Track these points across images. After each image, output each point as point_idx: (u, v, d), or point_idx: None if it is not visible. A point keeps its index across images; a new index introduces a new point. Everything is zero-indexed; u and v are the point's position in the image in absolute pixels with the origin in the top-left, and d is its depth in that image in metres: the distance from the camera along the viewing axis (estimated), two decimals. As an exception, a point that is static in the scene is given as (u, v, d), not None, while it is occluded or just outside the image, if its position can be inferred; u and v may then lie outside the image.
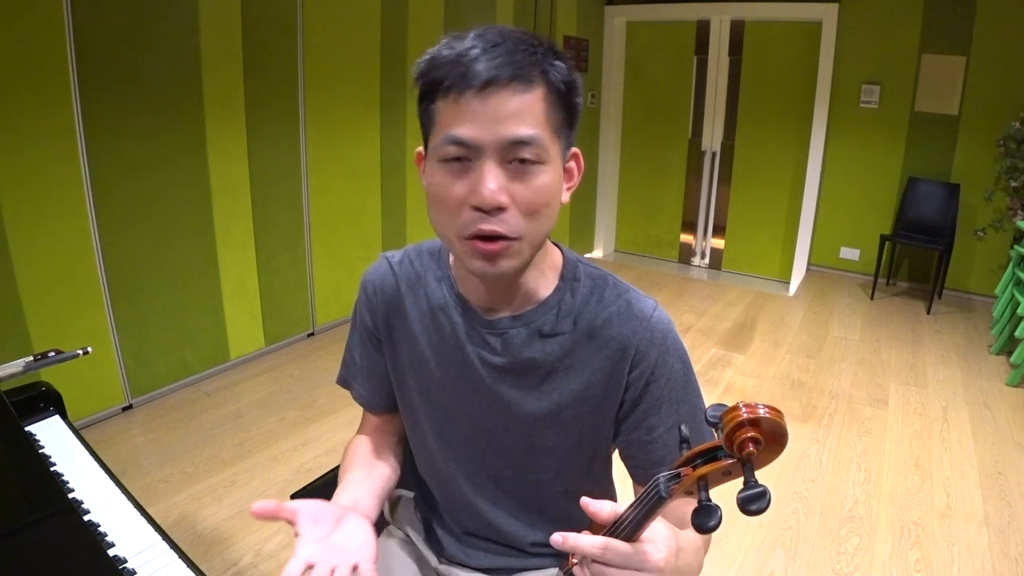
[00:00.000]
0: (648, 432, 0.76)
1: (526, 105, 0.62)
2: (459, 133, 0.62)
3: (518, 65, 0.62)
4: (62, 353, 1.17)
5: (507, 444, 0.81)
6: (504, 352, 0.77)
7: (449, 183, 0.64)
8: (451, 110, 0.62)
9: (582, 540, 0.54)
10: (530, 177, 0.64)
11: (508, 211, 0.63)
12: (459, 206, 0.64)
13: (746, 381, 3.07)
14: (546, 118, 0.64)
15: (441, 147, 0.63)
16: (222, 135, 2.69)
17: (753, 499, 0.43)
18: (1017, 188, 3.91)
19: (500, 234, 0.64)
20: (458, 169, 0.64)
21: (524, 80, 0.62)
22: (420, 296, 0.82)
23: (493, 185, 0.62)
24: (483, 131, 0.61)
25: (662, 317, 0.76)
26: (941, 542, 1.96)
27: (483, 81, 0.60)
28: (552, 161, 0.65)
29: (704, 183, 4.95)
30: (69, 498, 0.89)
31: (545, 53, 0.64)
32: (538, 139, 0.63)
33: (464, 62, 0.61)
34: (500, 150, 0.62)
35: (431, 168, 0.67)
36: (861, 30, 4.22)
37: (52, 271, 2.22)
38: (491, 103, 0.61)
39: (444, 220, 0.66)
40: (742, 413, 0.44)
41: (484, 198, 0.62)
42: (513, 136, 0.62)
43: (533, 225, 0.66)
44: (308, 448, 2.35)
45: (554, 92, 0.65)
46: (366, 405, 0.92)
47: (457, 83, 0.61)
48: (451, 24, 3.64)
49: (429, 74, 0.64)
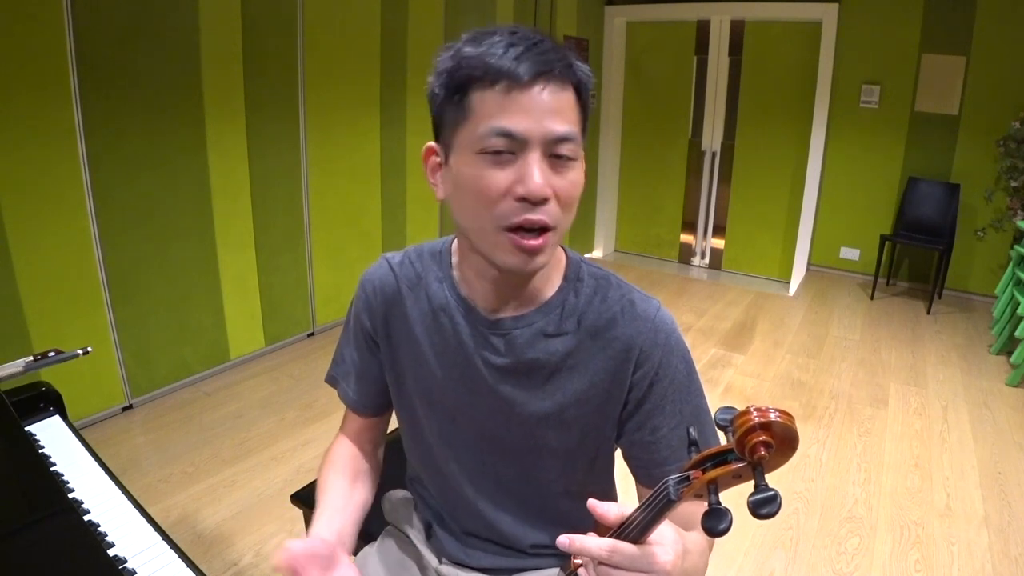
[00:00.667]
0: (652, 432, 0.76)
1: (566, 103, 0.64)
2: (508, 125, 0.62)
3: (561, 63, 0.63)
4: (62, 353, 1.17)
5: (509, 444, 0.81)
6: (508, 352, 0.76)
7: (490, 174, 0.64)
8: (496, 102, 0.62)
9: (589, 542, 0.54)
10: (567, 171, 0.66)
11: (550, 203, 0.65)
12: (500, 197, 0.64)
13: (746, 381, 3.07)
14: (578, 117, 0.66)
15: (485, 139, 0.63)
16: (222, 135, 2.69)
17: (764, 503, 0.43)
18: (1017, 188, 3.91)
19: (547, 224, 0.65)
20: (500, 161, 0.64)
21: (564, 78, 0.64)
22: (421, 297, 0.82)
23: (541, 178, 0.63)
24: (532, 124, 0.62)
25: (665, 317, 0.76)
26: (941, 542, 1.96)
27: (532, 75, 0.62)
28: (581, 158, 0.67)
29: (704, 183, 4.95)
30: (69, 498, 0.89)
31: (569, 54, 0.66)
32: (576, 136, 0.65)
33: (510, 56, 0.62)
34: (544, 144, 0.63)
35: (465, 160, 0.66)
36: (861, 30, 4.22)
37: (52, 271, 2.22)
38: (539, 98, 0.62)
39: (480, 212, 0.66)
40: (753, 417, 0.43)
41: (533, 189, 0.63)
42: (558, 132, 0.63)
43: (567, 219, 0.68)
44: (308, 448, 2.35)
45: (584, 94, 0.67)
46: (353, 406, 0.92)
47: (505, 75, 0.62)
48: (451, 24, 3.64)
49: (461, 69, 0.64)
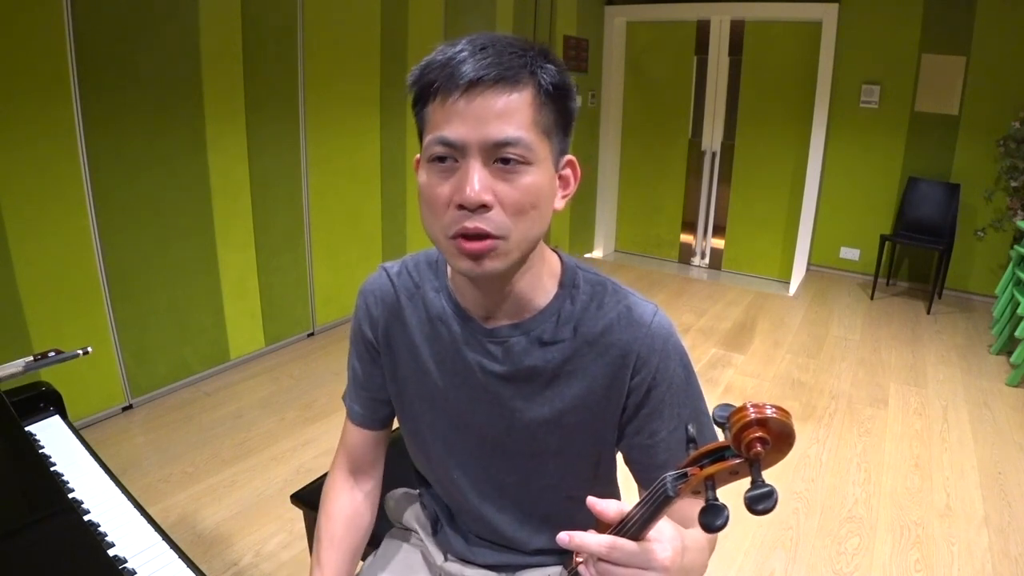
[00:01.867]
0: (651, 436, 0.76)
1: (512, 106, 0.62)
2: (445, 133, 0.63)
3: (504, 66, 0.62)
4: (62, 353, 1.17)
5: (511, 450, 0.81)
6: (505, 360, 0.76)
7: (436, 183, 0.65)
8: (439, 111, 0.63)
9: (588, 539, 0.54)
10: (515, 177, 0.64)
11: (493, 210, 0.64)
12: (445, 206, 0.65)
13: (746, 381, 3.07)
14: (533, 120, 0.64)
15: (429, 148, 0.65)
16: (222, 135, 2.69)
17: (761, 498, 0.44)
18: (1017, 188, 3.91)
19: (484, 231, 0.63)
20: (445, 169, 0.64)
21: (511, 81, 0.62)
22: (419, 306, 0.82)
23: (477, 184, 0.62)
24: (468, 131, 0.62)
25: (663, 322, 0.76)
26: (941, 542, 1.96)
27: (468, 81, 0.61)
28: (540, 163, 0.65)
29: (704, 183, 4.95)
30: (69, 498, 0.89)
31: (535, 56, 0.64)
32: (523, 140, 0.63)
33: (452, 64, 0.62)
34: (485, 150, 0.63)
35: (421, 169, 0.68)
36: (861, 30, 4.22)
37: (52, 271, 2.22)
38: (476, 103, 0.62)
39: (432, 220, 0.67)
40: (750, 413, 0.44)
41: (468, 196, 0.62)
42: (498, 137, 0.62)
43: (520, 226, 0.65)
44: (308, 448, 2.35)
45: (543, 94, 0.64)
46: (357, 421, 0.91)
47: (444, 84, 0.62)
48: (451, 24, 3.64)
49: (420, 79, 0.65)
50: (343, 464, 0.94)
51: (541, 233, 0.69)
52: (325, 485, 0.94)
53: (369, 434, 0.92)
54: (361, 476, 0.94)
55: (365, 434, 0.92)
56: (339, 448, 0.95)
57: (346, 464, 0.94)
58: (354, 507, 0.92)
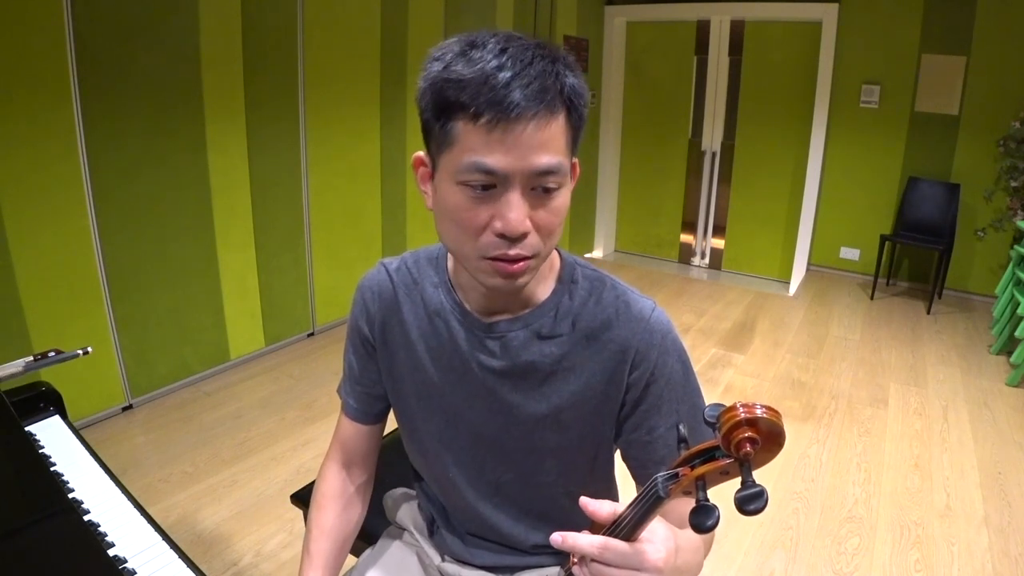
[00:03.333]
0: (649, 432, 0.76)
1: (552, 134, 0.62)
2: (489, 163, 0.60)
3: (549, 93, 0.60)
4: (62, 353, 1.17)
5: (508, 447, 0.81)
6: (503, 355, 0.77)
7: (470, 207, 0.63)
8: (478, 136, 0.60)
9: (581, 540, 0.54)
10: (550, 201, 0.64)
11: (530, 236, 0.64)
12: (481, 230, 0.64)
13: (746, 381, 3.07)
14: (566, 143, 0.64)
15: (465, 172, 0.62)
16: (222, 135, 2.69)
17: (750, 499, 0.43)
18: (1017, 188, 3.91)
19: (524, 256, 0.64)
20: (481, 194, 0.63)
21: (552, 108, 0.61)
22: (417, 302, 0.82)
23: (520, 215, 0.62)
24: (512, 161, 0.60)
25: (661, 318, 0.76)
26: (941, 542, 1.96)
27: (518, 113, 0.59)
28: (568, 180, 0.66)
29: (704, 183, 4.95)
30: (69, 498, 0.89)
31: (563, 70, 0.63)
32: (562, 167, 0.63)
33: (495, 86, 0.58)
34: (527, 180, 0.62)
35: (447, 187, 0.65)
36: (861, 30, 4.22)
37: (52, 271, 2.22)
38: (523, 135, 0.60)
39: (461, 241, 0.66)
40: (739, 413, 0.43)
41: (512, 227, 0.62)
42: (541, 167, 0.61)
43: (549, 243, 0.67)
44: (308, 448, 2.35)
45: (575, 115, 0.64)
46: (352, 415, 0.91)
47: (488, 110, 0.59)
48: (451, 24, 3.64)
49: (448, 90, 0.60)
50: (336, 456, 0.94)
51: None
52: (318, 476, 0.95)
53: (363, 428, 0.92)
54: (354, 469, 0.94)
55: (359, 428, 0.92)
56: (333, 440, 0.95)
57: (339, 456, 0.94)
58: (345, 499, 0.93)
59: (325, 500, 0.92)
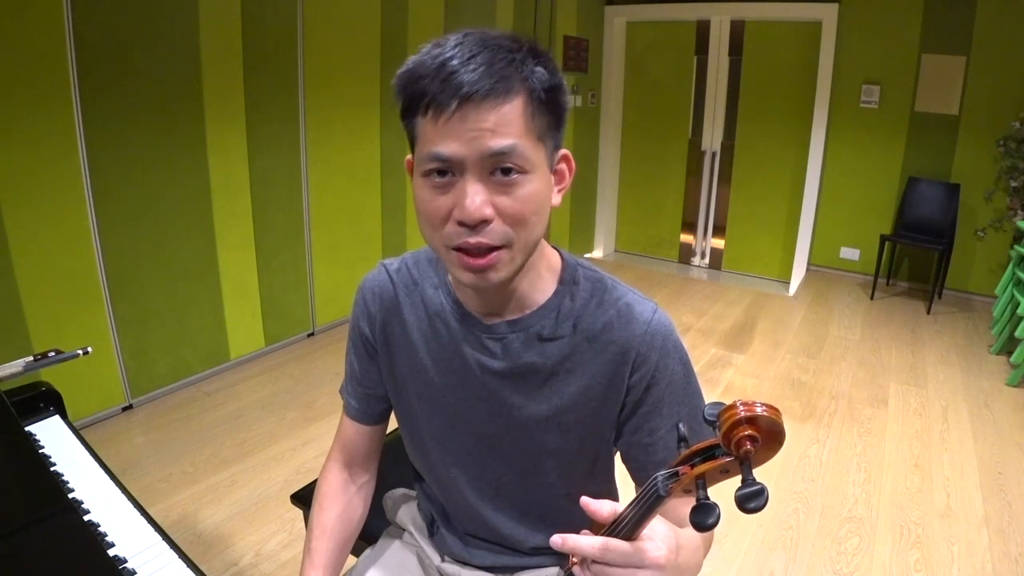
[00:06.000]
0: (649, 434, 0.76)
1: (505, 117, 0.61)
2: (440, 150, 0.61)
3: (496, 77, 0.60)
4: (62, 353, 1.17)
5: (509, 449, 0.81)
6: (504, 357, 0.76)
7: (433, 198, 0.64)
8: (431, 126, 0.62)
9: (581, 540, 0.54)
10: (514, 188, 0.63)
11: (493, 223, 0.63)
12: (444, 220, 0.64)
13: (746, 381, 3.07)
14: (527, 127, 0.63)
15: (424, 163, 0.64)
16: (222, 135, 2.69)
17: (751, 497, 0.43)
18: (1017, 188, 3.91)
19: (486, 245, 0.64)
20: (441, 184, 0.64)
21: (502, 92, 0.61)
22: (417, 303, 0.82)
23: (477, 200, 0.62)
24: (463, 147, 0.61)
25: (662, 320, 0.76)
26: (941, 542, 1.96)
27: (461, 97, 0.59)
28: (537, 168, 0.65)
29: (704, 183, 4.95)
30: (69, 498, 0.89)
31: (524, 58, 0.63)
32: (519, 149, 0.62)
33: (441, 76, 0.60)
34: (481, 163, 0.62)
35: (417, 182, 0.67)
36: (861, 30, 4.22)
37: (52, 271, 2.22)
38: (469, 118, 0.60)
39: (430, 233, 0.67)
40: (739, 411, 0.43)
41: (468, 213, 0.62)
42: (493, 149, 0.61)
43: (522, 234, 0.65)
44: (308, 448, 2.35)
45: (535, 99, 0.63)
46: (353, 415, 0.92)
47: (435, 99, 0.60)
48: (451, 24, 3.64)
49: (407, 88, 0.63)
50: (338, 457, 0.94)
51: (541, 235, 0.69)
52: (320, 476, 0.95)
53: (364, 428, 0.92)
54: (355, 469, 0.94)
55: (360, 428, 0.92)
56: (335, 441, 0.95)
57: (341, 457, 0.94)
58: (347, 499, 0.93)
59: (326, 500, 0.92)
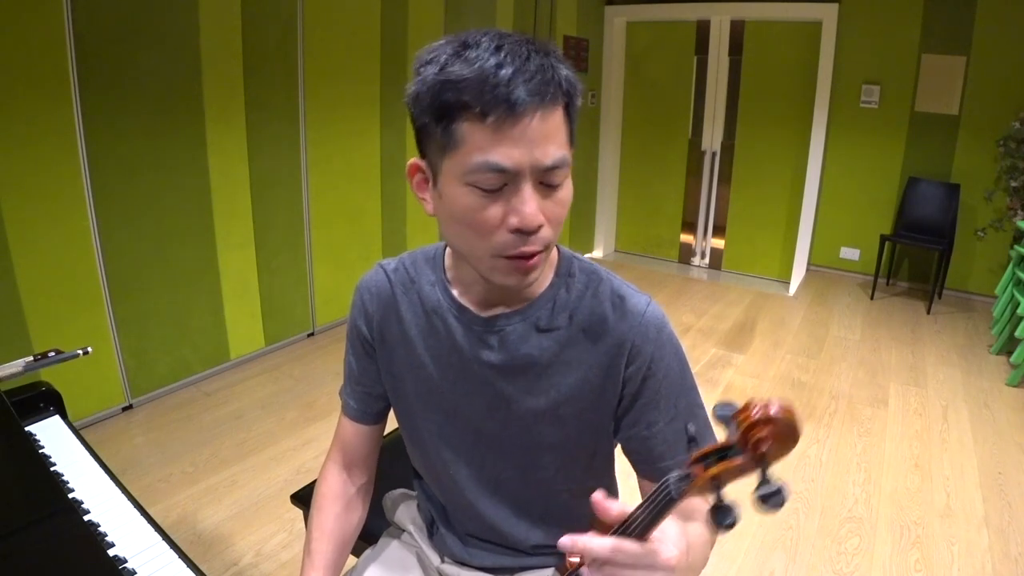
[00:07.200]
0: (648, 427, 0.77)
1: (555, 127, 0.63)
2: (499, 161, 0.61)
3: (548, 85, 0.61)
4: (62, 353, 1.17)
5: (507, 443, 0.81)
6: (501, 349, 0.77)
7: (483, 206, 0.63)
8: (486, 134, 0.60)
9: (592, 542, 0.53)
10: (557, 193, 0.66)
11: (543, 228, 0.65)
12: (495, 228, 0.64)
13: (746, 381, 3.07)
14: (567, 134, 0.65)
15: (474, 172, 0.62)
16: (222, 135, 2.69)
17: (771, 496, 0.43)
18: (1017, 188, 3.91)
19: (538, 251, 0.66)
20: (492, 192, 0.63)
21: (553, 101, 0.62)
22: (415, 300, 0.82)
23: (535, 209, 0.63)
24: (521, 156, 0.61)
25: (656, 312, 0.77)
26: (941, 542, 1.96)
27: (523, 108, 0.59)
28: (569, 172, 0.67)
29: (704, 183, 4.95)
30: (69, 498, 0.89)
31: (556, 64, 0.63)
32: (567, 160, 0.64)
33: (498, 83, 0.59)
34: (536, 174, 0.63)
35: (454, 190, 0.64)
36: (861, 30, 4.22)
37: (52, 271, 2.22)
38: (529, 129, 0.60)
39: (474, 242, 0.66)
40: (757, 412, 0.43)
41: (530, 224, 0.63)
42: (549, 161, 0.62)
43: (556, 234, 0.68)
44: (308, 448, 2.35)
45: (572, 107, 0.66)
46: (352, 415, 0.92)
47: (495, 108, 0.59)
48: (451, 24, 3.64)
49: (447, 92, 0.60)
50: (337, 458, 0.95)
51: None
52: (319, 478, 0.95)
53: (363, 428, 0.92)
54: (355, 470, 0.95)
55: (359, 428, 0.92)
56: (333, 442, 0.95)
57: (340, 458, 0.94)
58: (346, 500, 0.93)
59: (325, 501, 0.92)
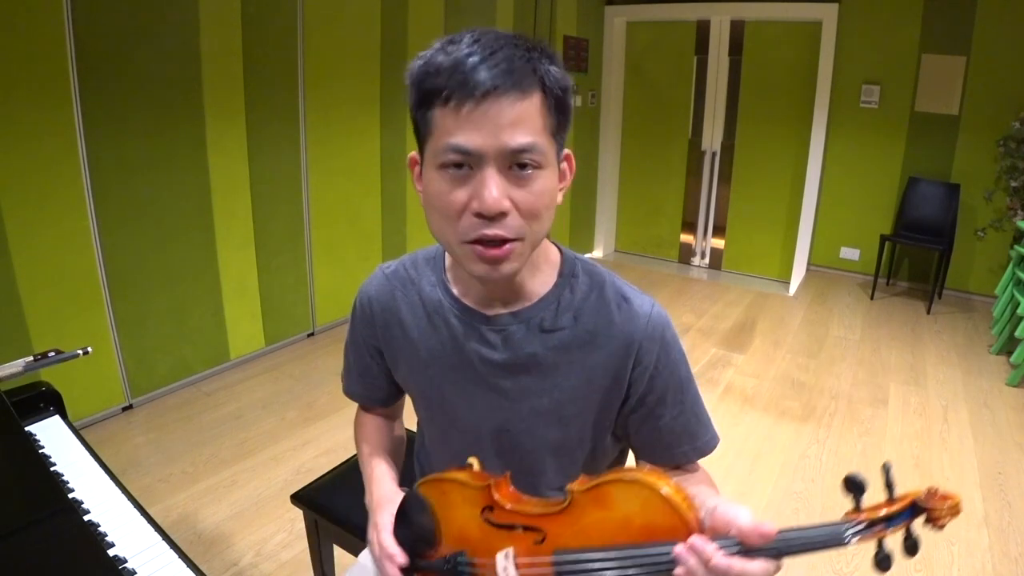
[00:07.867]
0: (655, 424, 0.79)
1: (525, 113, 0.63)
2: (460, 142, 0.62)
3: (517, 72, 0.62)
4: (62, 353, 1.17)
5: (509, 443, 0.81)
6: (504, 348, 0.77)
7: (449, 190, 0.65)
8: (451, 118, 0.63)
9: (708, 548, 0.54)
10: (530, 182, 0.65)
11: (509, 215, 0.65)
12: (460, 213, 0.65)
13: (746, 381, 3.07)
14: (543, 124, 0.65)
15: (441, 155, 0.64)
16: (222, 135, 2.69)
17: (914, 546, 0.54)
18: (1017, 188, 3.91)
19: (502, 237, 0.65)
20: (458, 176, 0.64)
21: (523, 88, 0.63)
22: (415, 301, 0.83)
23: (496, 192, 0.63)
24: (484, 139, 0.62)
25: (660, 313, 0.78)
26: (941, 542, 1.96)
27: (484, 90, 0.61)
28: (550, 165, 0.67)
29: (704, 183, 4.95)
30: (69, 498, 0.89)
31: (540, 58, 0.65)
32: (537, 146, 0.64)
33: (463, 70, 0.61)
34: (501, 157, 0.63)
35: (429, 175, 0.67)
36: (861, 30, 4.22)
37: (52, 271, 2.22)
38: (491, 112, 0.62)
39: (444, 226, 0.68)
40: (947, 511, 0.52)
41: (488, 205, 0.63)
42: (514, 144, 0.63)
43: (535, 227, 0.67)
44: (308, 448, 2.35)
45: (551, 98, 0.66)
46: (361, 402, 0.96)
47: (457, 91, 0.62)
48: (451, 24, 3.64)
49: (425, 81, 0.64)
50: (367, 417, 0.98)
51: (549, 229, 0.71)
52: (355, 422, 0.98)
53: (380, 410, 0.96)
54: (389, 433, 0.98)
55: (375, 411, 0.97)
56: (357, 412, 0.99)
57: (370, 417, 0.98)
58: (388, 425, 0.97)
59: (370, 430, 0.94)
